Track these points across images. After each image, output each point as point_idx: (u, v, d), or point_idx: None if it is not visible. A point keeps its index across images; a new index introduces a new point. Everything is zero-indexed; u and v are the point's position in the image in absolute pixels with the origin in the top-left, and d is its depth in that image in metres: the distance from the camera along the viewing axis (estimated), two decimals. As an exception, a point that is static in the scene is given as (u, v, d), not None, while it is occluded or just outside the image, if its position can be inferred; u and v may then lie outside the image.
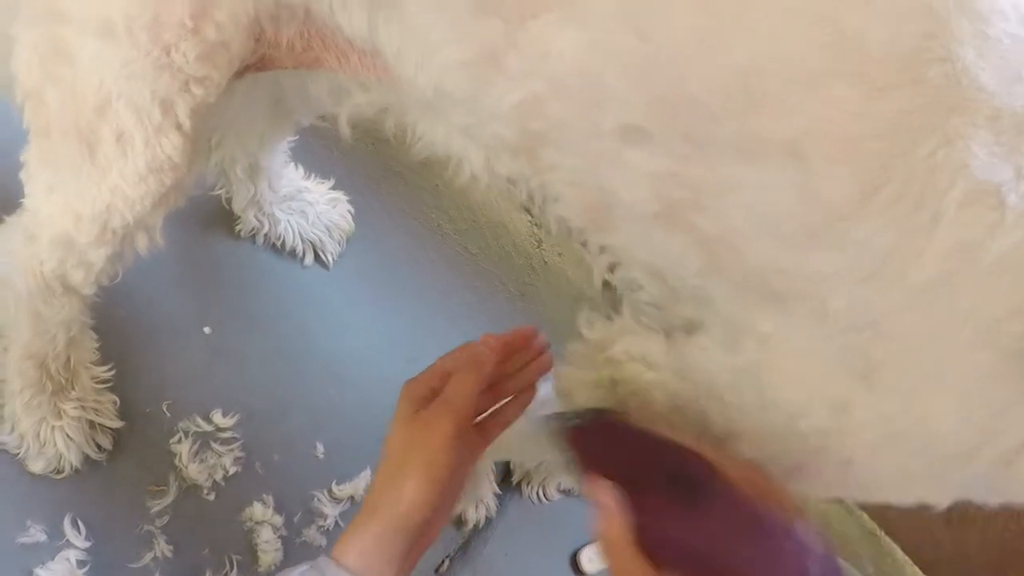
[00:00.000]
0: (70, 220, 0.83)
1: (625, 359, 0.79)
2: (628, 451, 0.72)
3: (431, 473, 0.78)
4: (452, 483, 0.80)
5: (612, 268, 0.79)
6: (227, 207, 1.31)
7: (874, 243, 0.58)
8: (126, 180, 0.79)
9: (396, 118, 0.83)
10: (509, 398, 0.91)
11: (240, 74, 0.79)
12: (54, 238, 0.86)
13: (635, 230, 0.70)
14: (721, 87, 0.59)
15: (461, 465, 0.81)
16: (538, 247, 1.50)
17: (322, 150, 1.40)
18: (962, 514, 1.37)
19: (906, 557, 1.47)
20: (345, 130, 0.87)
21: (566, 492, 1.33)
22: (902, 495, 0.70)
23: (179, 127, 0.77)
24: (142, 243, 0.88)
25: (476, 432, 0.87)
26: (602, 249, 0.77)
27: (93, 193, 0.80)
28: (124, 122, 0.76)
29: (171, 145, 0.77)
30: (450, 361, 0.88)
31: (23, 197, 0.88)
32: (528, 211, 1.55)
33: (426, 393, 0.85)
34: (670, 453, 0.70)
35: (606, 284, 0.80)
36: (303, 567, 0.78)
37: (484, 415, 0.89)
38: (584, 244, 0.76)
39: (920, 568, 1.47)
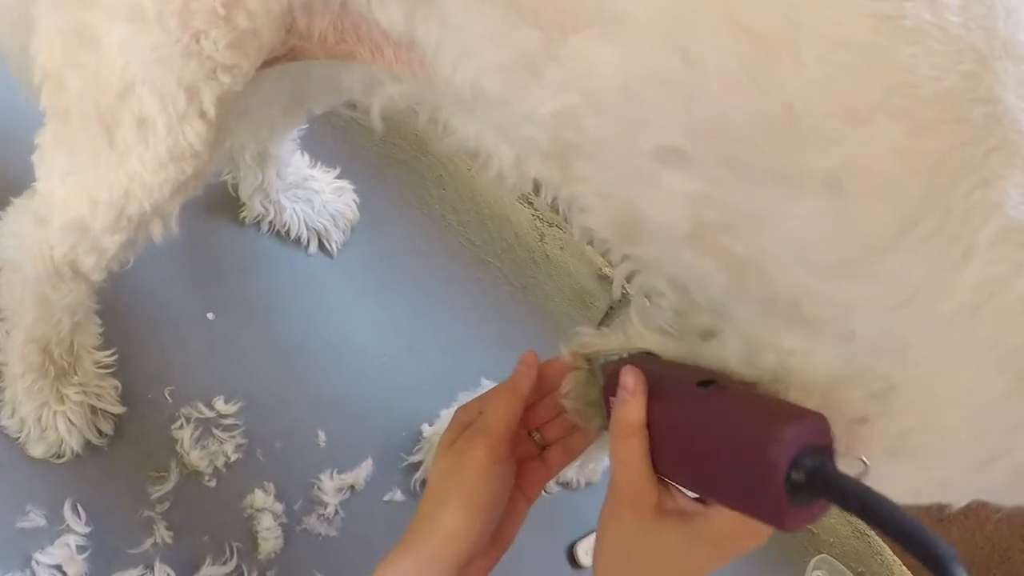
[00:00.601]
0: (85, 206, 0.82)
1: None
2: (653, 365, 0.75)
3: (468, 501, 0.76)
4: (494, 510, 0.78)
5: (631, 276, 0.78)
6: (233, 193, 1.30)
7: (906, 275, 0.59)
8: (145, 167, 0.78)
9: (429, 112, 0.82)
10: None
11: (268, 64, 0.78)
12: (67, 223, 0.85)
13: (663, 247, 0.70)
14: (765, 118, 0.59)
15: (503, 490, 0.79)
16: (540, 240, 1.50)
17: (328, 139, 1.40)
18: (950, 514, 1.38)
19: (895, 557, 1.48)
20: (377, 122, 0.86)
21: (564, 485, 1.34)
22: (918, 498, 0.70)
23: (203, 115, 0.76)
24: (157, 231, 0.87)
25: (539, 462, 0.85)
26: (625, 258, 0.77)
27: (111, 179, 0.80)
28: (147, 108, 0.75)
29: (194, 133, 0.77)
30: (493, 389, 0.85)
31: (32, 179, 0.86)
32: (531, 204, 1.55)
33: (472, 417, 0.83)
34: (690, 367, 0.74)
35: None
36: None
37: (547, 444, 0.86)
38: (605, 253, 0.76)
39: (908, 567, 1.48)
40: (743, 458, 0.61)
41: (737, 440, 0.62)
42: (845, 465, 0.61)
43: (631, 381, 0.71)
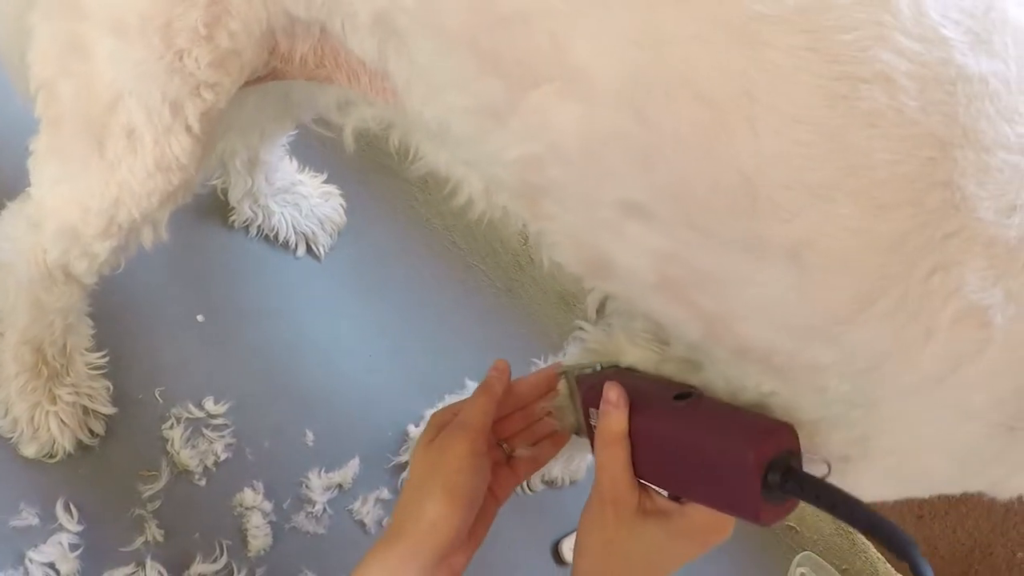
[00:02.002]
0: (77, 212, 0.84)
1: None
2: (631, 378, 0.79)
3: (450, 492, 0.78)
4: (474, 502, 0.80)
5: (604, 302, 0.80)
6: (222, 197, 1.32)
7: (869, 347, 0.60)
8: (134, 176, 0.80)
9: (400, 136, 0.83)
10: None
11: (251, 83, 0.80)
12: (59, 229, 0.87)
13: (633, 290, 0.71)
14: (724, 187, 0.58)
15: (482, 483, 0.81)
16: (525, 243, 1.51)
17: (316, 144, 1.41)
18: (932, 510, 1.39)
19: (878, 554, 1.49)
20: (349, 141, 0.88)
21: (549, 483, 1.35)
22: (898, 496, 0.74)
23: (188, 129, 0.78)
24: (147, 237, 0.89)
25: (508, 468, 0.89)
26: (596, 288, 0.78)
27: (101, 187, 0.81)
28: (135, 119, 0.77)
29: (179, 146, 0.78)
30: (477, 393, 0.88)
31: (27, 183, 0.88)
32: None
33: (448, 419, 0.85)
34: (667, 380, 0.78)
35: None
36: None
37: (519, 452, 0.90)
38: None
39: (891, 564, 1.49)
40: (723, 464, 0.66)
41: (716, 448, 0.67)
42: (811, 467, 0.66)
43: (614, 395, 0.75)
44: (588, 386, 0.81)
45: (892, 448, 0.66)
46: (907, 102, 0.54)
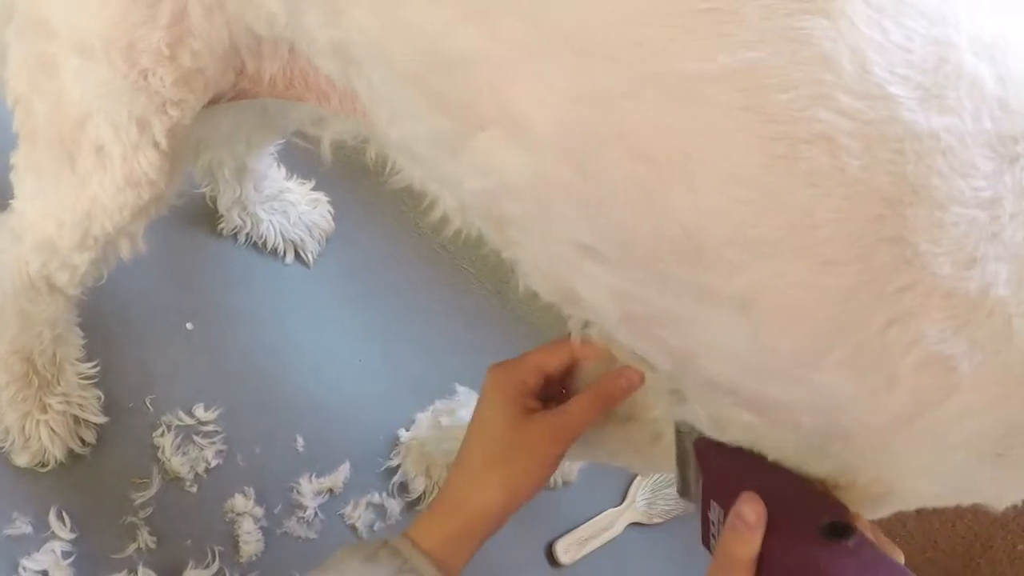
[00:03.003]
0: (52, 225, 0.85)
1: None
2: (769, 477, 0.68)
3: (528, 484, 0.79)
4: (531, 498, 0.81)
5: (585, 325, 0.78)
6: (211, 205, 1.32)
7: (833, 391, 0.59)
8: (105, 191, 0.80)
9: (376, 150, 0.84)
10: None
11: (215, 101, 0.81)
12: (38, 241, 0.88)
13: (603, 321, 0.70)
14: (668, 239, 0.57)
15: (545, 483, 0.82)
16: (513, 247, 1.51)
17: (303, 151, 1.42)
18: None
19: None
20: (327, 154, 0.89)
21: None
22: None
23: (156, 145, 0.78)
24: (125, 249, 0.90)
25: None
26: (573, 315, 0.77)
27: (73, 201, 0.82)
28: (103, 136, 0.77)
29: (147, 162, 0.79)
30: (548, 359, 0.84)
31: (12, 196, 0.89)
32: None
33: (524, 390, 0.82)
34: (815, 492, 0.68)
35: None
36: (376, 543, 0.79)
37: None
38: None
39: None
40: None
41: None
42: None
43: (752, 515, 0.64)
44: (712, 467, 0.72)
45: (878, 478, 0.65)
46: (850, 161, 0.52)
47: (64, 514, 1.07)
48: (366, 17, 0.63)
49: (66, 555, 1.05)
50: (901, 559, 0.68)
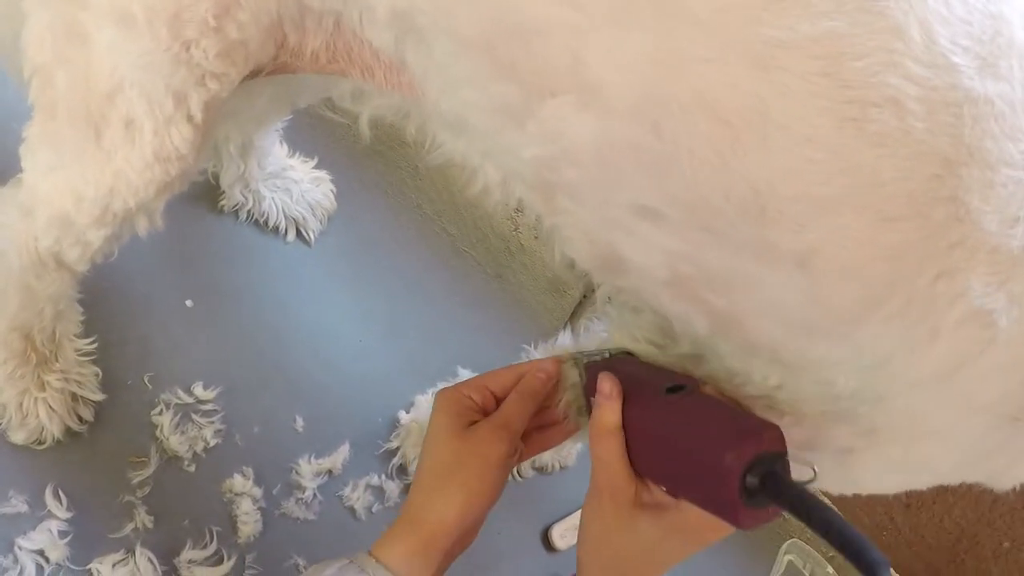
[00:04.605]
0: (70, 200, 0.83)
1: None
2: (630, 369, 0.79)
3: (481, 490, 0.80)
4: (494, 501, 0.82)
5: (614, 295, 0.81)
6: (213, 181, 1.31)
7: (877, 345, 0.62)
8: (131, 166, 0.79)
9: (417, 125, 0.83)
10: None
11: (255, 75, 0.79)
12: (52, 217, 0.86)
13: (644, 285, 0.72)
14: (736, 197, 0.60)
15: (503, 483, 0.83)
16: (515, 230, 1.52)
17: (307, 129, 1.40)
18: (920, 499, 1.40)
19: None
20: (365, 130, 0.88)
21: (539, 470, 1.35)
22: (899, 488, 0.77)
23: (191, 119, 0.77)
24: (142, 225, 0.88)
25: None
26: (605, 283, 0.79)
27: (96, 176, 0.80)
28: (135, 110, 0.76)
29: (180, 136, 0.78)
30: (493, 380, 0.88)
31: (18, 169, 0.87)
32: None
33: (469, 405, 0.85)
34: (664, 370, 0.79)
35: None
36: (342, 561, 0.79)
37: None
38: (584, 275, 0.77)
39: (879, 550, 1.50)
40: (704, 463, 0.67)
41: (699, 446, 0.68)
42: (798, 470, 0.66)
43: (607, 386, 0.76)
44: (593, 374, 0.81)
45: (897, 439, 0.68)
46: (915, 124, 0.56)
47: (61, 492, 1.06)
48: None
49: (63, 534, 1.04)
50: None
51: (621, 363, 0.82)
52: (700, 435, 0.68)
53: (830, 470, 0.71)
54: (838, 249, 0.59)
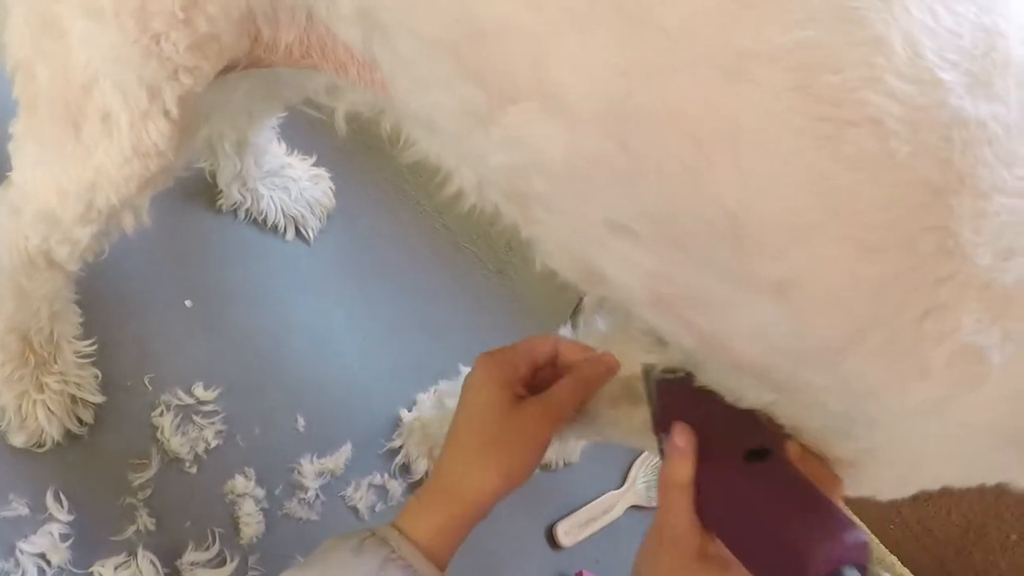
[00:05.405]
0: (55, 196, 0.82)
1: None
2: (708, 410, 0.74)
3: (521, 470, 0.79)
4: (523, 482, 0.81)
5: (602, 302, 0.79)
6: (210, 180, 1.30)
7: (864, 376, 0.59)
8: (111, 161, 0.78)
9: (392, 122, 0.81)
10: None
11: (229, 69, 0.78)
12: (38, 213, 0.85)
13: (627, 300, 0.69)
14: (709, 220, 0.56)
15: (536, 468, 0.82)
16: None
17: (305, 127, 1.40)
18: (927, 493, 1.40)
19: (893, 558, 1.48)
20: (341, 125, 0.87)
21: (544, 467, 1.35)
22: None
23: (167, 114, 0.76)
24: (128, 222, 0.87)
25: None
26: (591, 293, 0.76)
27: (78, 171, 0.79)
28: (110, 103, 0.74)
29: (157, 131, 0.76)
30: (538, 351, 0.86)
31: (9, 169, 0.86)
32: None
33: (513, 376, 0.84)
34: (746, 421, 0.73)
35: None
36: (364, 534, 0.78)
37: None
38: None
39: (886, 545, 1.49)
40: (785, 550, 0.64)
41: (777, 535, 0.65)
42: None
43: (682, 442, 0.72)
44: (666, 401, 0.78)
45: (898, 460, 0.66)
46: (898, 147, 0.52)
47: (62, 495, 1.05)
48: None
49: (64, 537, 1.03)
50: (840, 484, 0.70)
51: (697, 397, 0.75)
52: (779, 523, 0.65)
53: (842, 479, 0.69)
54: (817, 279, 0.55)
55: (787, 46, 0.52)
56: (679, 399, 0.76)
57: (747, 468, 0.69)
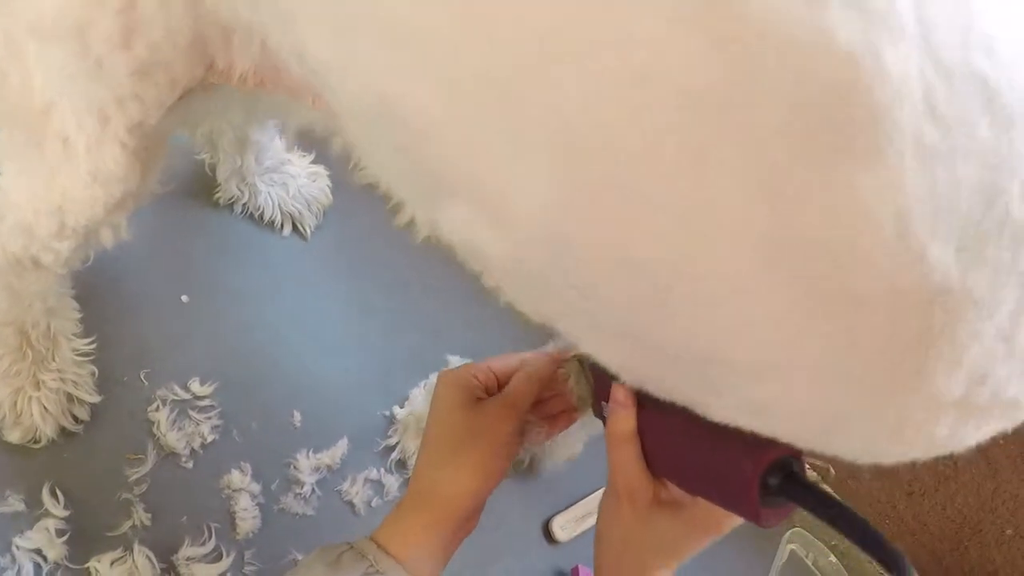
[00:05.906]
0: (30, 212, 0.81)
1: None
2: None
3: (488, 466, 0.80)
4: (501, 479, 0.82)
5: None
6: (209, 173, 1.30)
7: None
8: (74, 184, 0.75)
9: (343, 144, 0.80)
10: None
11: (185, 96, 0.75)
12: (16, 224, 0.84)
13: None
14: (675, 348, 0.50)
15: (509, 465, 0.83)
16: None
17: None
18: (922, 487, 1.40)
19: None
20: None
21: (517, 464, 1.34)
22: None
23: (122, 144, 0.72)
24: (107, 238, 0.86)
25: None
26: None
27: (45, 192, 0.78)
28: (67, 126, 0.72)
29: (113, 159, 0.73)
30: (496, 363, 0.88)
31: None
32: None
33: (475, 384, 0.85)
34: None
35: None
36: (341, 547, 0.78)
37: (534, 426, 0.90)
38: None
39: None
40: (724, 468, 0.67)
41: (716, 452, 0.68)
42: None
43: (621, 395, 0.74)
44: (599, 374, 0.81)
45: None
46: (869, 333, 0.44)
47: (57, 491, 1.06)
48: (316, 36, 0.54)
49: (60, 533, 1.03)
50: None
51: None
52: (716, 440, 0.67)
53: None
54: (792, 403, 0.50)
55: (757, 196, 0.42)
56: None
57: (682, 410, 0.69)
